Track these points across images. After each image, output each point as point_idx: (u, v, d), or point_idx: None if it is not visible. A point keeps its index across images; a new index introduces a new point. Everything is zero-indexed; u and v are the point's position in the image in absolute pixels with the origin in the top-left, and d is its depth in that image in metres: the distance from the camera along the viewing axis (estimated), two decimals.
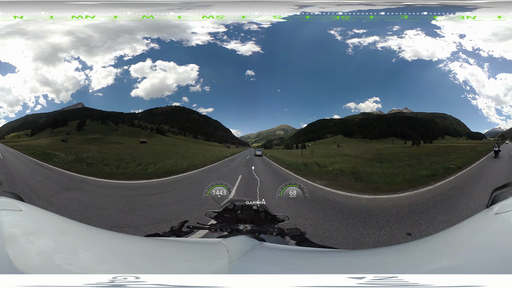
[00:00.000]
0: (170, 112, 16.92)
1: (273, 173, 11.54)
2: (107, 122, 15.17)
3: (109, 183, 9.23)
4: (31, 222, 1.15)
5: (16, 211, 1.17)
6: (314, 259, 1.21)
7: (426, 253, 1.07)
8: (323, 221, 5.61)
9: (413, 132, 15.00)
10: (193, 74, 14.72)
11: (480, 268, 0.87)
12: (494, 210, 1.11)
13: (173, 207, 6.69)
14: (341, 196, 7.88)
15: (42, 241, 1.02)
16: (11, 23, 10.66)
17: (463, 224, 1.15)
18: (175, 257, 1.16)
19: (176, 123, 16.95)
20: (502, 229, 1.01)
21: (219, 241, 1.25)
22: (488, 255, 0.92)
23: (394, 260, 1.08)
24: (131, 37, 12.88)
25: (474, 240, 1.05)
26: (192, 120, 17.43)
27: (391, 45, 12.92)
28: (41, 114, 15.01)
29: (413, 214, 6.08)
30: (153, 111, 16.26)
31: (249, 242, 1.25)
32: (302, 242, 1.71)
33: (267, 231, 1.71)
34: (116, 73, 13.85)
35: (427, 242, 1.14)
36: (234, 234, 1.65)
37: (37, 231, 1.08)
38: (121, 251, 1.12)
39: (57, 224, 1.19)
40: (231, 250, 1.10)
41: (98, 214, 6.13)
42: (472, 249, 0.99)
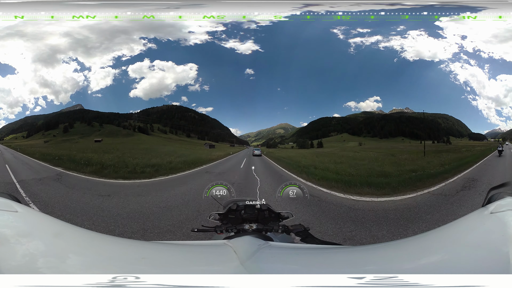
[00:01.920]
0: (166, 111, 16.83)
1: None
2: (93, 124, 15.18)
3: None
4: (25, 223, 1.14)
5: (11, 212, 1.16)
6: (318, 256, 1.23)
7: (422, 249, 1.09)
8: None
9: (422, 132, 15.03)
10: (192, 74, 14.70)
11: (472, 266, 0.89)
12: (489, 209, 1.13)
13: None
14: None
15: (32, 243, 1.01)
16: (10, 25, 10.68)
17: (459, 222, 1.17)
18: (180, 260, 1.14)
19: (169, 121, 16.78)
20: (496, 228, 1.02)
21: (224, 243, 1.24)
22: (480, 254, 0.93)
23: (393, 255, 1.11)
24: (128, 38, 12.88)
25: (468, 238, 1.07)
26: (187, 118, 17.14)
27: (393, 45, 12.93)
28: (39, 116, 15.06)
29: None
30: (149, 111, 16.23)
31: (255, 242, 1.25)
32: (307, 238, 1.74)
33: (272, 229, 1.73)
34: (115, 74, 13.86)
35: (423, 237, 1.16)
36: (240, 234, 1.66)
37: (30, 233, 1.06)
38: (118, 255, 1.10)
39: (51, 227, 1.18)
40: (238, 251, 1.10)
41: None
42: (465, 246, 1.01)
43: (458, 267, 0.90)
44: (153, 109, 16.39)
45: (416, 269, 0.97)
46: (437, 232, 1.15)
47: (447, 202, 7.10)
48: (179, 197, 7.73)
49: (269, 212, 1.91)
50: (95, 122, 15.15)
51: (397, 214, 6.50)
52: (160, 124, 16.55)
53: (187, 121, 17.17)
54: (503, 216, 1.06)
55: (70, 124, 14.94)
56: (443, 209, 6.63)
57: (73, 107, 14.92)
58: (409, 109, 15.63)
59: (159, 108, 16.57)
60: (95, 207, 6.96)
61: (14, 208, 1.19)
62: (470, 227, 1.13)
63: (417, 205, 7.01)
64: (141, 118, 15.94)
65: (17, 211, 1.18)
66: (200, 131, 17.28)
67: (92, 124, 15.07)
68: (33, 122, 15.27)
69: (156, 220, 6.01)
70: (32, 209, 1.29)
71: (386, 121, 15.66)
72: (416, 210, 6.65)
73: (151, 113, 16.33)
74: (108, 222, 5.97)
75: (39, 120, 15.26)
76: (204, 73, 14.86)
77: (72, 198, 7.64)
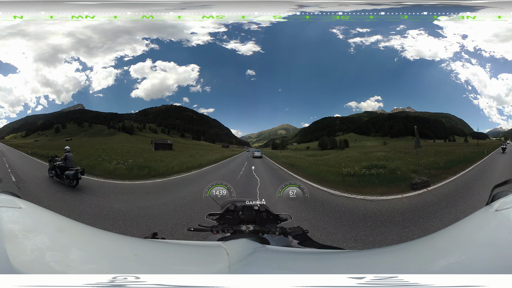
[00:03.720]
0: (165, 111, 16.70)
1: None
2: (83, 124, 15.16)
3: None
4: (29, 219, 1.16)
5: (15, 208, 1.18)
6: (316, 261, 1.21)
7: (428, 252, 1.07)
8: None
9: (430, 132, 15.06)
10: (193, 74, 14.69)
11: (480, 266, 0.87)
12: (494, 207, 1.12)
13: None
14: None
15: (38, 238, 1.03)
16: (12, 24, 10.67)
17: (465, 221, 1.16)
18: (172, 259, 1.15)
19: (164, 121, 16.54)
20: (502, 226, 1.02)
21: (218, 244, 1.23)
22: (488, 253, 0.92)
23: (398, 259, 1.08)
24: (131, 38, 12.87)
25: (475, 237, 1.06)
26: (184, 118, 16.73)
27: (393, 44, 12.93)
28: (40, 116, 15.08)
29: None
30: (148, 111, 16.14)
31: (250, 246, 1.24)
32: (305, 242, 1.71)
33: (269, 231, 1.71)
34: (116, 74, 13.83)
35: (430, 240, 1.14)
36: (236, 235, 1.64)
37: (35, 229, 1.08)
38: (116, 252, 1.12)
39: (55, 222, 1.19)
40: (231, 253, 1.09)
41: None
42: (473, 246, 1.00)
43: (468, 269, 0.88)
44: (152, 109, 16.30)
45: (425, 272, 0.94)
46: (444, 233, 1.14)
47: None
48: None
49: (267, 214, 1.88)
50: (85, 123, 15.14)
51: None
52: (155, 124, 16.36)
53: (184, 120, 16.97)
54: (508, 213, 1.06)
55: (63, 125, 15.02)
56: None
57: (74, 107, 14.92)
58: (411, 108, 15.64)
59: (158, 108, 16.47)
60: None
61: (18, 205, 1.21)
62: (477, 227, 1.12)
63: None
64: (137, 118, 15.84)
65: (20, 207, 1.19)
66: (197, 130, 16.72)
67: (82, 124, 15.08)
68: (33, 121, 15.31)
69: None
70: (34, 205, 1.30)
71: (395, 121, 15.66)
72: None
73: (149, 113, 16.25)
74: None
75: (39, 120, 15.29)
76: (206, 74, 14.85)
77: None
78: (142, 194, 8.27)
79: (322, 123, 16.68)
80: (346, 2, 9.09)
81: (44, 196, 7.90)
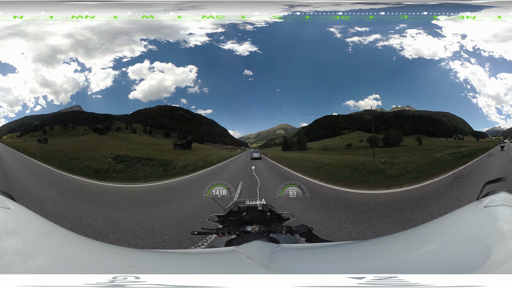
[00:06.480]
0: (157, 111, 16.46)
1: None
2: (67, 126, 15.19)
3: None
4: (14, 221, 1.13)
5: (3, 208, 1.15)
6: (332, 255, 1.25)
7: (419, 240, 1.13)
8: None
9: (436, 130, 15.15)
10: (191, 75, 14.66)
11: (458, 258, 0.93)
12: (483, 203, 1.16)
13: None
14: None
15: (15, 241, 0.99)
16: (11, 25, 10.68)
17: (454, 214, 1.21)
18: (188, 268, 1.09)
19: (151, 121, 15.98)
20: (488, 222, 1.05)
21: (232, 249, 1.19)
22: (468, 246, 0.97)
23: (394, 248, 1.15)
24: (129, 39, 12.86)
25: (460, 230, 1.10)
26: (174, 117, 16.06)
27: (392, 43, 12.94)
28: (38, 116, 15.11)
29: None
30: (141, 112, 15.98)
31: (266, 246, 1.22)
32: (311, 239, 1.71)
33: (276, 230, 1.70)
34: (115, 75, 13.81)
35: (422, 229, 1.20)
36: (242, 236, 1.63)
37: (18, 231, 1.05)
38: (101, 262, 1.05)
39: (40, 227, 1.16)
40: (252, 255, 1.07)
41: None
42: (456, 238, 1.04)
43: (446, 258, 0.93)
44: (145, 110, 16.13)
45: (413, 260, 1.00)
46: (435, 223, 1.19)
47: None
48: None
49: (271, 214, 1.87)
50: (70, 124, 15.16)
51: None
52: (141, 124, 15.88)
53: (173, 120, 16.53)
54: (495, 210, 1.09)
55: (51, 127, 15.15)
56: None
57: (71, 108, 14.91)
58: (410, 106, 15.66)
59: (151, 109, 16.29)
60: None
61: (7, 205, 1.18)
62: (463, 220, 1.16)
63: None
64: (128, 120, 15.66)
65: (9, 208, 1.17)
66: (186, 129, 15.69)
67: (66, 127, 15.12)
68: (30, 122, 15.37)
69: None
70: (24, 207, 1.26)
71: (404, 119, 15.68)
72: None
73: (141, 114, 16.09)
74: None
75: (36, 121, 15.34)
76: (203, 75, 14.82)
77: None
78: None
79: (324, 121, 16.62)
80: (346, 2, 9.10)
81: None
